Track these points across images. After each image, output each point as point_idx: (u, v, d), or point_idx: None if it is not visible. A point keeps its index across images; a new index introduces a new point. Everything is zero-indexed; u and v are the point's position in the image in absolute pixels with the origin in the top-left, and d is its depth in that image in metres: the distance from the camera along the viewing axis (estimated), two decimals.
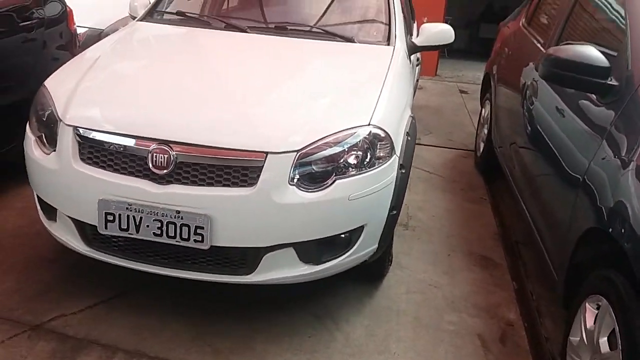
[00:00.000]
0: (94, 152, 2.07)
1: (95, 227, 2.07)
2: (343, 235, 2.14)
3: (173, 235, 2.00)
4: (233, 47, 2.77)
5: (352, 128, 2.10)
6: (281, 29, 2.87)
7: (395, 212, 2.28)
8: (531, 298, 2.69)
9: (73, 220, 2.15)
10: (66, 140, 2.08)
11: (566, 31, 2.86)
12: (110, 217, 2.02)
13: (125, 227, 2.02)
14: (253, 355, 2.15)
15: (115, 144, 2.03)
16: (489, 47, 4.70)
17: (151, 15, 3.11)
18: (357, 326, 2.37)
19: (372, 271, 2.59)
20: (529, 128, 2.84)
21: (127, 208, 2.00)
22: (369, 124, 2.14)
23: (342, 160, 2.07)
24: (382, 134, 2.16)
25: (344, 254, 2.18)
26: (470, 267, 2.94)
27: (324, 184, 2.03)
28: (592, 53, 2.07)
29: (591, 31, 2.68)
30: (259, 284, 2.13)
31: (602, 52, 2.08)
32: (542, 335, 2.42)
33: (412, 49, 3.05)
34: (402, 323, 2.42)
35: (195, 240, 1.99)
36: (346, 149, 2.07)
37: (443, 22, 5.40)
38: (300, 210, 2.00)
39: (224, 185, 1.98)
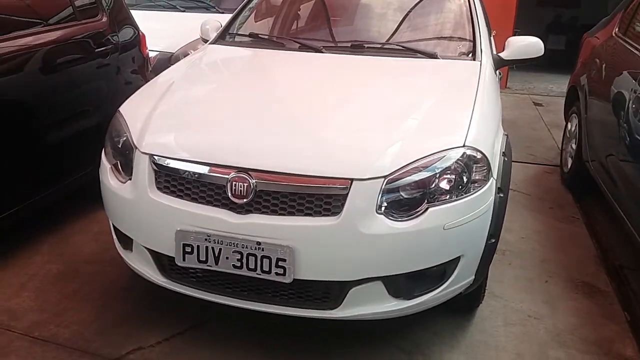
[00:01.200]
0: (171, 180, 1.98)
1: (172, 258, 1.98)
2: (436, 268, 1.93)
3: (253, 267, 1.87)
4: (309, 68, 2.64)
5: (445, 150, 1.91)
6: (358, 48, 2.72)
7: (493, 240, 2.06)
8: None
9: (149, 250, 2.06)
10: (142, 168, 2.01)
11: None
12: (188, 249, 1.92)
13: (204, 259, 1.91)
14: None
15: (192, 172, 1.93)
16: (557, 58, 4.38)
17: (223, 37, 3.05)
18: None
19: (465, 302, 2.36)
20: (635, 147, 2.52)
21: (206, 239, 1.89)
22: (463, 145, 1.94)
23: (434, 186, 1.88)
24: (478, 156, 1.95)
25: (437, 287, 1.98)
26: (572, 296, 2.64)
27: (416, 212, 1.85)
28: None
29: None
30: (344, 320, 1.95)
31: None
32: None
33: (499, 63, 2.82)
34: None
35: (277, 273, 1.85)
36: (438, 173, 1.88)
37: (512, 34, 5.13)
38: (389, 241, 1.82)
39: (306, 215, 1.84)
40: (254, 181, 1.85)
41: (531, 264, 2.91)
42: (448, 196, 1.89)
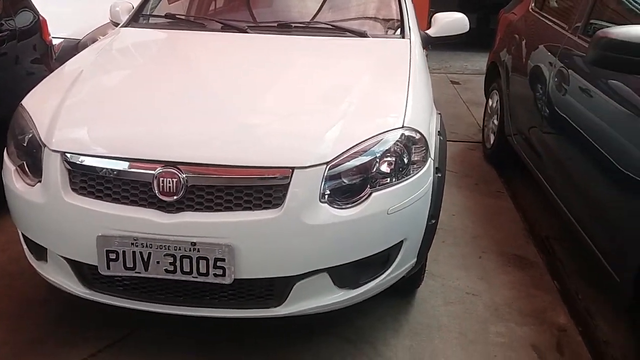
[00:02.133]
0: (87, 180, 1.77)
1: (95, 266, 1.79)
2: (381, 254, 1.88)
3: (189, 270, 1.73)
4: (234, 50, 2.48)
5: (385, 132, 1.85)
6: (284, 27, 2.59)
7: (434, 221, 2.04)
8: (578, 299, 2.47)
9: (67, 260, 1.85)
10: (53, 168, 1.79)
11: (595, 13, 2.64)
12: (112, 256, 1.73)
13: (132, 266, 1.74)
14: None
15: (112, 169, 1.74)
16: (471, 36, 4.49)
17: (136, 19, 2.80)
18: (398, 349, 2.13)
19: (405, 284, 2.33)
20: (566, 118, 2.59)
21: (132, 244, 1.71)
22: (402, 126, 1.89)
23: (375, 170, 1.81)
24: (417, 136, 1.91)
25: (382, 273, 1.93)
26: (505, 269, 2.71)
27: (360, 199, 1.78)
28: None
29: (626, 11, 2.45)
30: (289, 316, 1.86)
31: None
32: (601, 340, 2.20)
33: (426, 40, 2.79)
34: (447, 340, 2.18)
35: (215, 275, 1.72)
36: (379, 156, 1.82)
37: (427, 14, 5.17)
38: (335, 231, 1.74)
39: (245, 209, 1.71)
40: (184, 176, 1.69)
41: (464, 240, 2.95)
42: (390, 180, 1.83)
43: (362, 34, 2.59)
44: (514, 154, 3.58)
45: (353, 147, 1.79)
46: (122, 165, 1.73)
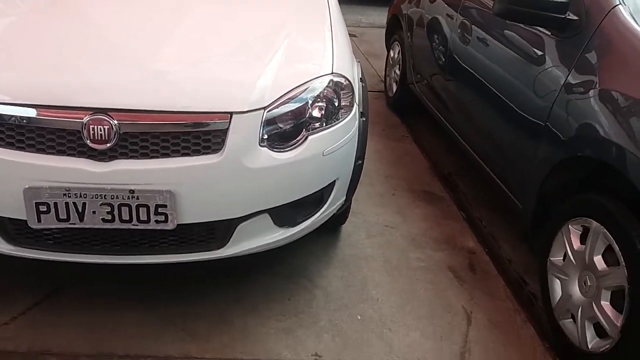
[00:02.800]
0: (6, 130, 1.64)
1: (19, 221, 1.70)
2: (316, 193, 1.96)
3: (128, 219, 1.69)
4: None
5: (316, 78, 1.90)
6: None
7: (360, 161, 2.16)
8: (482, 225, 2.77)
9: None
10: None
11: None
12: (43, 208, 1.65)
13: (65, 217, 1.67)
14: (234, 330, 1.97)
15: (35, 118, 1.63)
16: None
17: None
18: (332, 279, 2.27)
19: (334, 222, 2.46)
20: (469, 66, 2.81)
21: (64, 194, 1.64)
22: (331, 73, 1.95)
23: (308, 114, 1.87)
24: (345, 82, 1.99)
25: (317, 211, 2.03)
26: (417, 204, 2.94)
27: (297, 142, 1.83)
28: None
29: None
30: (231, 257, 1.90)
31: None
32: (505, 258, 2.50)
33: None
34: (374, 268, 2.36)
35: (157, 221, 1.71)
36: (311, 101, 1.88)
37: None
38: (275, 173, 1.79)
39: (184, 155, 1.69)
40: (115, 122, 1.63)
41: (378, 181, 3.14)
42: (322, 124, 1.91)
43: None
44: (416, 101, 3.82)
45: (287, 92, 1.82)
46: (47, 113, 1.62)
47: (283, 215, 1.91)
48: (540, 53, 2.21)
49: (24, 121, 1.63)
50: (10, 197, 1.64)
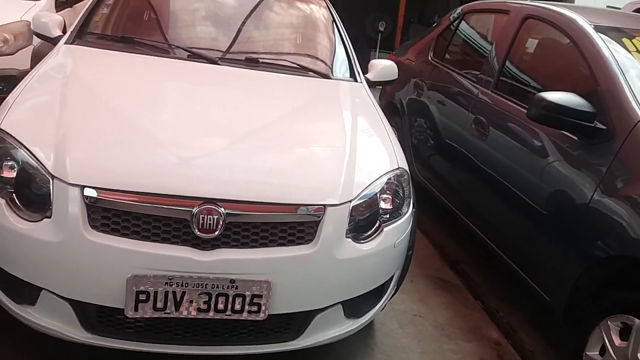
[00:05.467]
0: (111, 217, 1.66)
1: (107, 309, 1.68)
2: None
3: (223, 308, 1.71)
4: (218, 82, 2.45)
5: (388, 173, 2.06)
6: (252, 62, 2.62)
7: (411, 252, 2.29)
8: (499, 315, 2.92)
9: (71, 302, 1.68)
10: (69, 203, 1.63)
11: (505, 72, 3.18)
12: (142, 297, 1.64)
13: (162, 307, 1.67)
14: None
15: (144, 205, 1.65)
16: None
17: (80, 37, 2.59)
18: None
19: None
20: (484, 162, 3.05)
21: (166, 283, 1.65)
22: (398, 167, 2.12)
23: (381, 206, 2.00)
24: (406, 176, 2.16)
25: (378, 302, 2.12)
26: (437, 292, 3.06)
27: (375, 233, 1.94)
28: (578, 99, 2.34)
29: (552, 73, 2.97)
30: (303, 348, 1.93)
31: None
32: (527, 350, 2.65)
33: (369, 84, 3.05)
34: (414, 359, 2.43)
35: (250, 312, 1.74)
36: (385, 195, 2.02)
37: None
38: (357, 264, 1.89)
39: (280, 245, 1.76)
40: (224, 211, 1.68)
41: None
42: (391, 215, 2.04)
43: (326, 76, 2.75)
44: (416, 186, 4.02)
45: (367, 186, 1.96)
46: (156, 202, 1.66)
47: (353, 306, 1.98)
48: (569, 157, 2.46)
49: (132, 208, 1.65)
50: (111, 283, 1.63)
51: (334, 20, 3.17)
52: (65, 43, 2.54)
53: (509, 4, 3.53)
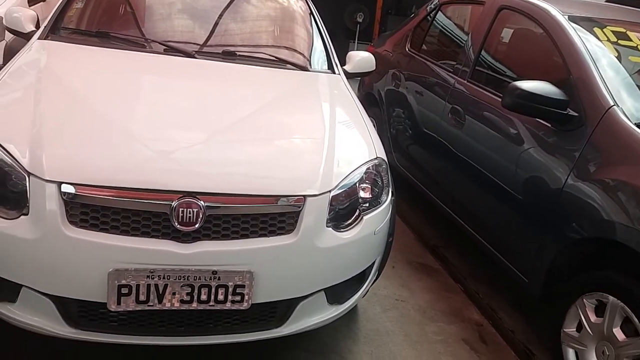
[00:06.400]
0: (90, 212, 1.66)
1: (88, 303, 1.69)
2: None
3: (206, 299, 1.73)
4: (189, 75, 2.44)
5: (366, 162, 2.09)
6: (229, 55, 2.61)
7: (391, 239, 2.32)
8: (479, 297, 2.98)
9: (53, 298, 1.69)
10: (46, 200, 1.63)
11: (481, 62, 3.23)
12: (125, 290, 1.65)
13: (145, 299, 1.68)
14: None
15: (122, 200, 1.66)
16: None
17: (54, 32, 2.56)
18: (362, 355, 2.36)
19: None
20: (462, 147, 3.11)
21: (148, 276, 1.66)
22: (376, 157, 2.15)
23: (360, 195, 2.03)
24: (384, 165, 2.19)
25: (360, 288, 2.16)
26: (418, 276, 3.12)
27: (355, 222, 1.98)
28: (551, 87, 2.39)
29: (524, 64, 3.02)
30: (287, 336, 1.96)
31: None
32: (507, 329, 2.71)
33: (347, 75, 3.06)
34: (398, 343, 2.48)
35: (233, 301, 1.76)
36: (362, 184, 2.05)
37: None
38: (338, 251, 1.92)
39: (261, 236, 1.78)
40: (203, 204, 1.70)
41: None
42: (371, 203, 2.07)
43: (304, 68, 2.76)
44: (393, 174, 4.05)
45: (346, 176, 1.99)
46: (134, 196, 1.66)
47: (336, 292, 2.01)
48: (543, 144, 2.52)
49: (111, 203, 1.66)
50: (92, 278, 1.64)
51: (311, 12, 3.18)
52: (39, 38, 2.51)
53: None
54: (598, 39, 2.66)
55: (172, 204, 1.67)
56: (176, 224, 1.68)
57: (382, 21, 9.56)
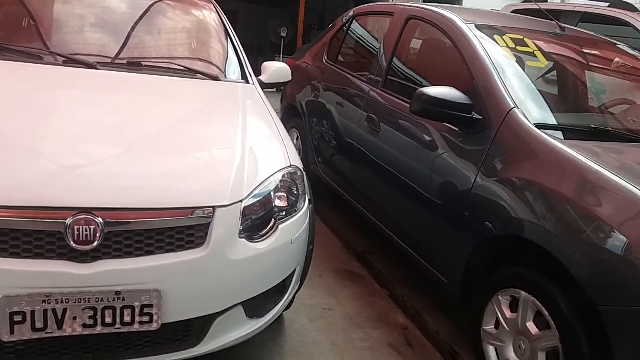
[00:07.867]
0: None
1: None
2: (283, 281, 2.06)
3: (111, 322, 1.63)
4: (97, 88, 2.30)
5: (280, 171, 2.06)
6: (135, 65, 2.51)
7: (312, 247, 2.30)
8: (404, 301, 3.01)
9: None
10: None
11: (392, 71, 3.30)
12: (18, 318, 1.52)
13: (42, 326, 1.56)
14: None
15: (9, 220, 1.53)
16: None
17: None
18: None
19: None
20: (378, 156, 3.15)
21: (44, 301, 1.53)
22: (290, 165, 2.12)
23: (276, 204, 2.00)
24: (299, 173, 2.17)
25: (281, 299, 2.11)
26: (344, 284, 3.11)
27: (270, 231, 1.93)
28: (455, 92, 2.47)
29: (433, 72, 3.11)
30: (206, 354, 1.88)
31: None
32: (433, 331, 2.75)
33: (261, 86, 3.02)
34: (324, 353, 2.45)
35: (141, 323, 1.66)
36: (279, 192, 2.02)
37: None
38: (254, 263, 1.87)
39: (168, 251, 1.70)
40: (100, 222, 1.59)
41: None
42: (287, 212, 2.04)
43: (216, 78, 2.70)
44: (317, 182, 4.05)
45: (258, 185, 1.94)
46: (23, 215, 1.54)
47: (254, 306, 1.95)
48: (453, 147, 2.58)
49: (10, 224, 1.53)
50: None
51: (223, 24, 3.13)
52: None
53: (393, 6, 3.69)
54: (498, 45, 2.78)
55: (67, 221, 1.56)
56: (72, 243, 1.57)
57: (305, 35, 9.69)
